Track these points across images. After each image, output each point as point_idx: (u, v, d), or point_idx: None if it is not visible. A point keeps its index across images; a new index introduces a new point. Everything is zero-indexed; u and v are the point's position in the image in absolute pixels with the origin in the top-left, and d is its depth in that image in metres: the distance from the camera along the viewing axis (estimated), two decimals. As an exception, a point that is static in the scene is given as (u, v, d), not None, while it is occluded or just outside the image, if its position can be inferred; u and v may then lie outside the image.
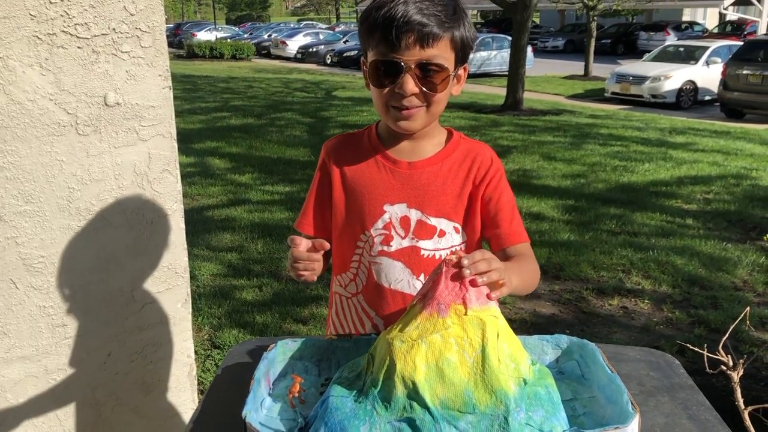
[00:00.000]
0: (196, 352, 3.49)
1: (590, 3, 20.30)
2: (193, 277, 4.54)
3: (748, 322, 3.82)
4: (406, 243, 1.39)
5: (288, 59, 28.89)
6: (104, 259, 1.84)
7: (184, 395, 2.13)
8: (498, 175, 1.41)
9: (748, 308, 1.85)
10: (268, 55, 30.63)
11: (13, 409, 1.78)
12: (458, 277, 1.01)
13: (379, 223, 1.39)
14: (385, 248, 1.39)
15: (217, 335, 3.78)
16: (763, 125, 12.36)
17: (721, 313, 4.06)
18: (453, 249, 1.40)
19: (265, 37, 33.61)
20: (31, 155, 1.67)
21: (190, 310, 2.11)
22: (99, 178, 1.79)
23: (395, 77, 1.26)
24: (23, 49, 1.62)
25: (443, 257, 1.37)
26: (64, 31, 1.66)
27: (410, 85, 1.26)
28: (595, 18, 20.87)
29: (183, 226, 2.01)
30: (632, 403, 0.97)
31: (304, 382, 1.12)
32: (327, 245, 1.20)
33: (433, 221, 1.38)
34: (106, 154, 1.79)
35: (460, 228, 1.41)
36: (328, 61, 26.27)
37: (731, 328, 1.47)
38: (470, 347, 0.97)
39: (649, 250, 5.21)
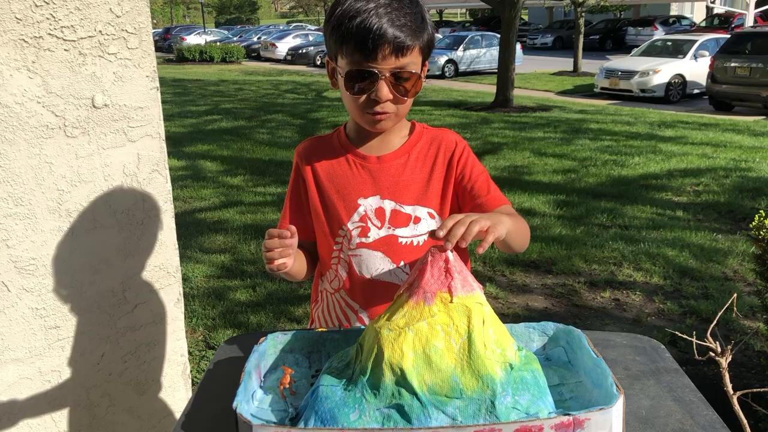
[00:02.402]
0: (191, 353, 3.50)
1: (578, -1, 20.37)
2: (186, 279, 4.55)
3: (735, 309, 3.85)
4: (383, 233, 1.42)
5: (278, 61, 28.88)
6: (95, 260, 1.85)
7: (178, 394, 2.13)
8: (465, 153, 1.46)
9: (734, 295, 1.87)
10: (258, 58, 30.61)
11: (7, 411, 1.79)
12: (444, 255, 1.03)
13: (355, 217, 1.43)
14: (363, 240, 1.43)
15: (212, 336, 3.79)
16: (751, 117, 12.44)
17: (712, 304, 4.10)
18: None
19: (255, 39, 33.58)
20: (20, 158, 1.68)
21: (183, 309, 2.12)
22: (88, 180, 1.79)
23: (370, 84, 1.32)
24: (10, 53, 1.62)
25: (421, 243, 1.41)
26: (50, 34, 1.67)
27: (385, 91, 1.32)
28: (583, 14, 20.93)
29: (173, 225, 2.02)
30: (617, 386, 0.99)
31: (294, 374, 1.13)
32: (294, 229, 1.23)
33: (407, 209, 1.43)
34: (95, 155, 1.80)
35: (435, 213, 1.44)
36: (318, 62, 26.27)
37: (718, 315, 1.49)
38: (456, 334, 0.99)
39: (640, 242, 5.25)
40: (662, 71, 15.20)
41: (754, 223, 2.61)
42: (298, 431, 0.92)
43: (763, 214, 2.60)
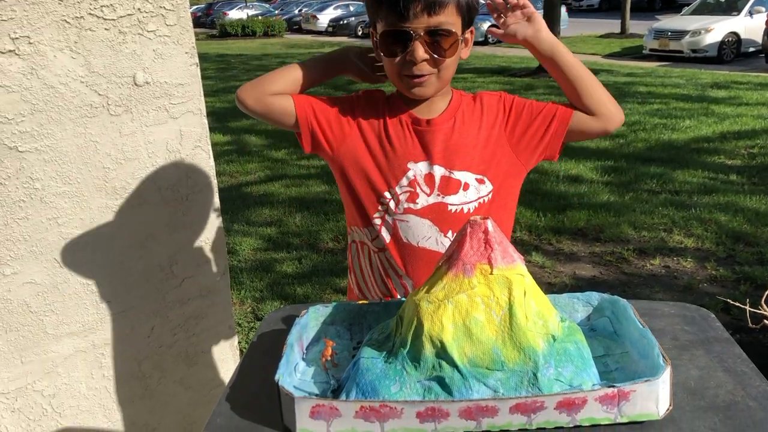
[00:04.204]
0: (239, 325, 3.57)
1: (625, -43, 19.70)
2: (234, 252, 4.63)
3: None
4: (432, 200, 1.41)
5: (319, 33, 28.79)
6: (142, 236, 1.89)
7: (227, 366, 2.18)
8: (510, 98, 1.48)
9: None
10: (300, 31, 30.56)
11: (65, 382, 1.85)
12: (483, 226, 1.02)
13: (404, 181, 1.41)
14: (412, 206, 1.41)
15: (260, 308, 3.85)
16: (810, 75, 11.92)
17: (767, 269, 3.98)
18: (481, 201, 1.42)
19: (296, 12, 33.50)
20: (67, 137, 1.71)
21: (229, 282, 2.15)
22: (133, 157, 1.82)
23: (405, 46, 1.30)
24: (53, 34, 1.65)
25: (471, 210, 1.39)
26: (90, 14, 1.69)
27: (420, 52, 1.30)
28: (631, -27, 20.26)
29: (218, 200, 2.05)
30: (663, 356, 0.97)
31: (336, 346, 1.14)
32: None
33: (456, 175, 1.41)
34: (138, 133, 1.82)
35: (484, 179, 1.42)
36: (359, 33, 26.09)
37: (773, 281, 1.44)
38: (497, 306, 0.98)
39: (691, 208, 5.12)
40: (715, 30, 14.63)
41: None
42: (339, 403, 0.93)
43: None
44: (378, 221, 1.44)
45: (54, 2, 1.63)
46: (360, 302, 1.23)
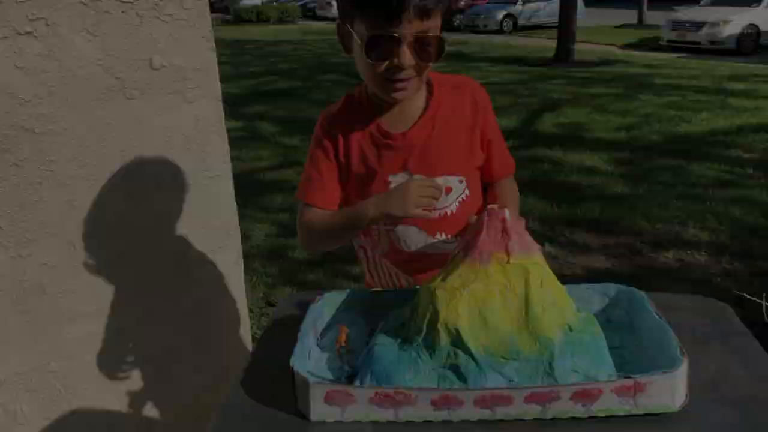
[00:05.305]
0: (251, 311, 3.58)
1: (644, -53, 19.46)
2: (246, 238, 4.63)
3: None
4: None
5: (333, 20, 28.39)
6: (156, 220, 1.89)
7: (239, 351, 2.19)
8: (488, 113, 1.46)
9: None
10: (314, 17, 30.46)
11: (78, 365, 1.86)
12: (501, 215, 1.03)
13: None
14: None
15: (272, 294, 3.86)
16: (830, 68, 11.76)
17: (782, 264, 3.94)
18: (460, 199, 1.42)
19: (311, -2, 33.39)
20: (83, 120, 1.71)
21: (243, 268, 2.15)
22: (148, 141, 1.82)
23: (391, 51, 1.24)
24: (71, 16, 1.64)
25: (454, 211, 1.40)
26: (108, -4, 1.69)
27: (407, 57, 1.24)
28: (650, -37, 20.01)
29: (232, 186, 2.05)
30: (681, 349, 0.96)
31: (350, 333, 1.14)
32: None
33: (438, 181, 1.37)
34: (154, 117, 1.82)
35: (463, 179, 1.42)
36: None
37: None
38: (513, 295, 0.97)
39: (706, 201, 5.07)
40: (734, 21, 14.43)
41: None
42: (354, 389, 0.93)
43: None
44: (375, 233, 1.44)
45: (71, -16, 1.63)
46: (374, 289, 1.23)
